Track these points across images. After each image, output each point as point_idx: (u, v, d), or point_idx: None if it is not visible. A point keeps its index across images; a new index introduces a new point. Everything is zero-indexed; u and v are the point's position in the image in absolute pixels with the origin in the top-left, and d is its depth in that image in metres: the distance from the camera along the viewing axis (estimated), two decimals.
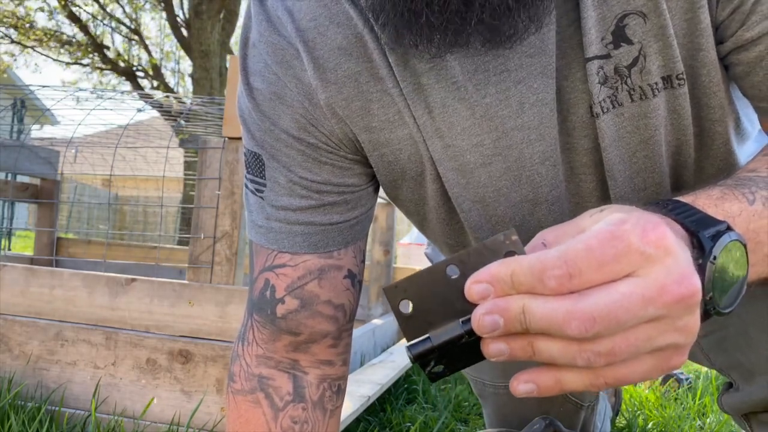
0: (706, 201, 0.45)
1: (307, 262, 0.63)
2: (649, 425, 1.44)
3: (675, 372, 1.79)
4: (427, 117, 0.57)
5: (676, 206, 0.44)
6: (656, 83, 0.53)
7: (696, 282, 0.36)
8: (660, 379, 1.76)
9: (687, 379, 1.77)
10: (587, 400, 1.06)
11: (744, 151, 0.62)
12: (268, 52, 0.59)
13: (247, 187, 0.65)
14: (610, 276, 0.34)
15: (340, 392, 0.69)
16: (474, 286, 0.36)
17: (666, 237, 0.35)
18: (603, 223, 0.36)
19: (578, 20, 0.52)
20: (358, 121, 0.59)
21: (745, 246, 0.43)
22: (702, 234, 0.41)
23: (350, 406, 1.18)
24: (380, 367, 1.55)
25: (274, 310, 0.63)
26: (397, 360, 1.65)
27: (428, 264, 0.95)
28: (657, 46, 0.52)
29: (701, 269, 0.39)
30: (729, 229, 0.42)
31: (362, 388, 1.32)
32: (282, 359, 0.65)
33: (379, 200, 2.47)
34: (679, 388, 1.72)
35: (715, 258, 0.40)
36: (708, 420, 1.48)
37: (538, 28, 0.48)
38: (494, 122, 0.56)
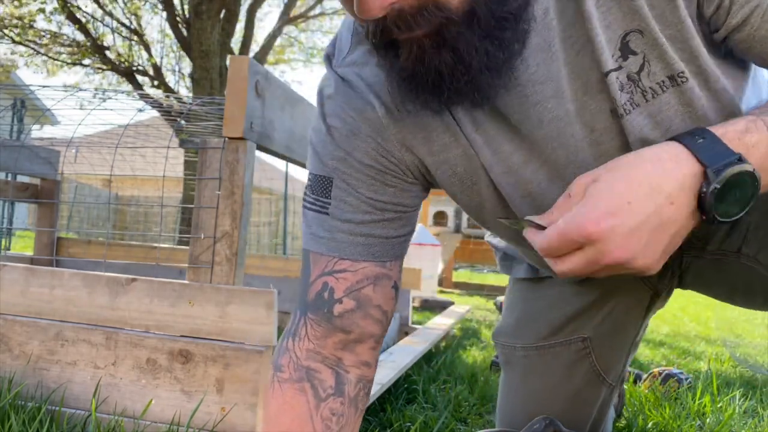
0: (732, 135, 0.59)
1: (366, 269, 0.74)
2: (649, 425, 1.44)
3: (675, 372, 1.79)
4: (475, 134, 0.71)
5: (704, 138, 0.59)
6: (663, 81, 0.66)
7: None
8: (660, 379, 1.76)
9: (687, 379, 1.77)
10: (611, 377, 1.04)
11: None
12: (345, 101, 0.74)
13: (307, 207, 0.77)
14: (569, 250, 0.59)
15: (368, 395, 0.78)
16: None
17: (590, 230, 0.57)
18: (562, 221, 0.58)
19: (583, 49, 0.66)
20: (422, 148, 0.73)
21: (752, 172, 0.57)
22: (708, 169, 0.56)
23: None
24: (380, 367, 1.55)
25: (332, 309, 0.73)
26: (397, 360, 1.65)
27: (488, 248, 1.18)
28: (655, 53, 0.65)
29: (705, 195, 0.56)
30: (740, 160, 0.57)
31: None
32: (329, 356, 0.75)
33: None
34: (678, 388, 1.72)
35: (714, 186, 0.56)
36: (708, 420, 1.48)
37: (505, 86, 0.66)
38: (522, 134, 0.70)
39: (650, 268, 0.59)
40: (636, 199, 0.56)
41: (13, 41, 8.30)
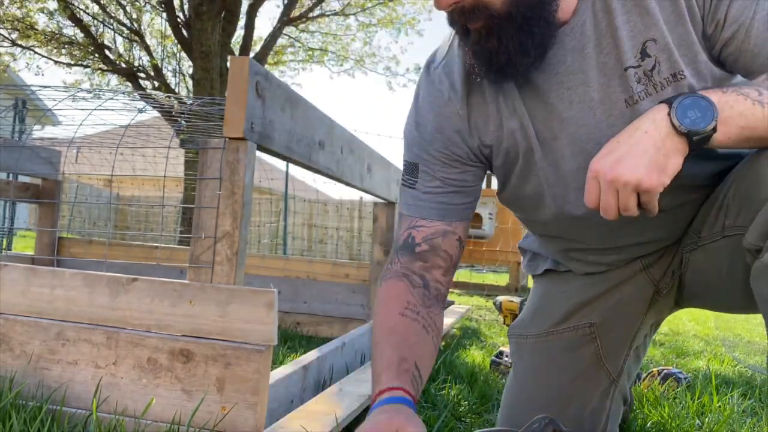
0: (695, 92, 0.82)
1: (437, 226, 1.04)
2: (648, 424, 1.44)
3: (674, 371, 1.79)
4: (520, 113, 0.98)
5: (677, 96, 0.82)
6: (667, 78, 0.89)
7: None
8: (659, 378, 1.76)
9: (686, 378, 1.77)
10: (612, 365, 1.14)
11: None
12: (431, 102, 1.04)
13: (403, 184, 1.07)
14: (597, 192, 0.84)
15: (444, 305, 1.06)
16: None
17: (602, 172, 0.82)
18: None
19: (610, 53, 0.91)
20: (483, 128, 1.01)
21: (703, 97, 0.80)
22: (670, 101, 0.82)
23: (350, 406, 1.18)
24: None
25: (413, 249, 1.04)
26: None
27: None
28: (664, 56, 0.89)
29: (671, 118, 0.80)
30: (690, 94, 0.81)
31: (362, 387, 1.32)
32: (416, 271, 1.03)
33: (379, 201, 2.52)
34: (677, 387, 1.72)
35: (674, 107, 0.81)
36: (707, 419, 1.48)
37: (534, 65, 0.91)
38: (555, 113, 0.95)
39: (642, 180, 0.79)
40: (623, 139, 0.83)
41: (14, 43, 8.30)
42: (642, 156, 0.79)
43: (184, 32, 7.38)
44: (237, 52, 8.13)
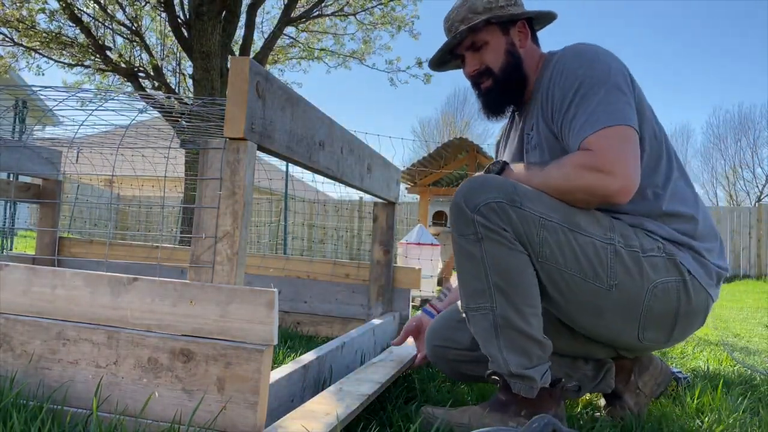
0: (513, 168, 1.47)
1: None
2: (648, 424, 1.45)
3: (674, 371, 1.79)
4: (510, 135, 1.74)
5: (498, 163, 1.48)
6: (533, 145, 1.52)
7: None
8: None
9: (685, 378, 1.78)
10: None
11: None
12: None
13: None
14: None
15: None
16: None
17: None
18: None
19: (527, 121, 1.57)
20: (506, 139, 1.75)
21: (505, 162, 1.48)
22: (489, 167, 1.48)
23: (350, 405, 1.18)
24: (380, 366, 1.55)
25: None
26: (396, 359, 1.66)
27: None
28: (536, 133, 1.52)
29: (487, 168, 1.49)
30: (504, 165, 1.48)
31: (362, 386, 1.32)
32: None
33: (378, 201, 2.51)
34: (677, 387, 1.72)
35: (490, 170, 1.47)
36: (706, 419, 1.49)
37: (513, 106, 1.65)
38: (512, 147, 1.68)
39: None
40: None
41: (15, 42, 8.30)
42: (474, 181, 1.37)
43: (185, 32, 7.38)
44: (237, 52, 8.14)
